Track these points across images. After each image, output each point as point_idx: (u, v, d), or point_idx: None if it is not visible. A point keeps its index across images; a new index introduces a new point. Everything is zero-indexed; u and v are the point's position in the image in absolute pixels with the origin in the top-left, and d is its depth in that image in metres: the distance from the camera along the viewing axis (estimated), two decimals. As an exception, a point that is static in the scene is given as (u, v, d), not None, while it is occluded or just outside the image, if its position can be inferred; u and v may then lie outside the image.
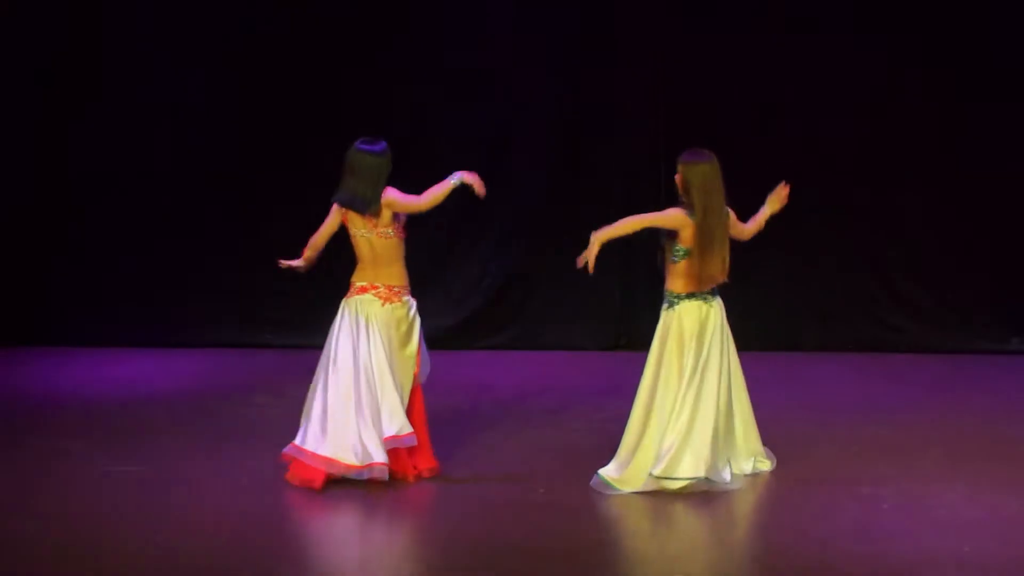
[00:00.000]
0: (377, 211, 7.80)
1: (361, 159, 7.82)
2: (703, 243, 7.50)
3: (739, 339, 7.82)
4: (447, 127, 11.15)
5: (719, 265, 7.56)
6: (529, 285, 11.35)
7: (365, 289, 7.88)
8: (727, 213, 7.62)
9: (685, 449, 7.48)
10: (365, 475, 7.69)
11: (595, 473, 7.64)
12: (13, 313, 11.33)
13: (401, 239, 7.90)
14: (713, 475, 7.51)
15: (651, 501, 7.50)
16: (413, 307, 7.96)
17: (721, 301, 7.66)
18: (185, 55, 11.13)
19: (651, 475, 7.49)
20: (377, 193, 7.80)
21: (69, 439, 8.64)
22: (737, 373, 7.78)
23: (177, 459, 8.25)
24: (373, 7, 11.13)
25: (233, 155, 11.22)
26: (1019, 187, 10.86)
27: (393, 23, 11.13)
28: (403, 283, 7.95)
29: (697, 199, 7.51)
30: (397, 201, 7.79)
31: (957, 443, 8.54)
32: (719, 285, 7.62)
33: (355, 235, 7.90)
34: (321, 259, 11.00)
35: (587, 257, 7.41)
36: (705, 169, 7.54)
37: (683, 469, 7.47)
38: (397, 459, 7.81)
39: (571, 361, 10.88)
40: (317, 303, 10.84)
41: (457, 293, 11.28)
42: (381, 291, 7.90)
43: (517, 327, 11.35)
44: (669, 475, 7.47)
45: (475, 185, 7.71)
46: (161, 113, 11.18)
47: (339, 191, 7.86)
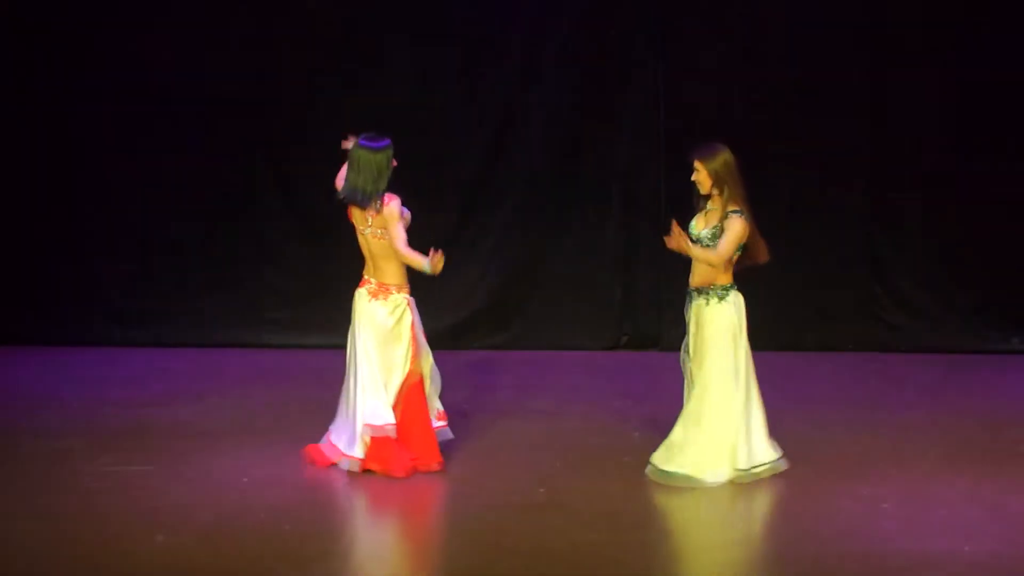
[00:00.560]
0: (378, 207, 7.83)
1: (362, 155, 7.87)
2: (754, 230, 7.68)
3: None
4: (447, 127, 11.14)
5: (764, 246, 7.75)
6: (529, 285, 11.33)
7: (363, 283, 8.03)
8: None
9: (761, 433, 7.80)
10: (343, 465, 7.96)
11: (660, 467, 7.74)
12: (12, 313, 11.31)
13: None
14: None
15: (650, 501, 7.51)
16: (402, 306, 7.98)
17: None
18: (185, 56, 11.10)
19: (746, 468, 7.72)
20: (377, 188, 7.84)
21: (69, 439, 8.63)
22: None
23: (177, 459, 8.25)
24: (372, 5, 11.11)
25: (233, 155, 11.20)
26: (1019, 187, 10.85)
27: (393, 25, 11.13)
28: (397, 282, 7.98)
29: (734, 187, 7.67)
30: (392, 223, 7.83)
31: (957, 443, 8.54)
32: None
33: (356, 230, 7.99)
34: (315, 258, 11.10)
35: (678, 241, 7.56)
36: (728, 157, 7.72)
37: (764, 454, 7.79)
38: (382, 454, 7.88)
39: (571, 361, 10.87)
40: (317, 303, 10.91)
41: (459, 293, 11.26)
42: (372, 286, 8.01)
43: (517, 327, 11.33)
44: (759, 463, 7.76)
45: (435, 266, 7.79)
46: (161, 112, 11.16)
47: (343, 186, 7.93)
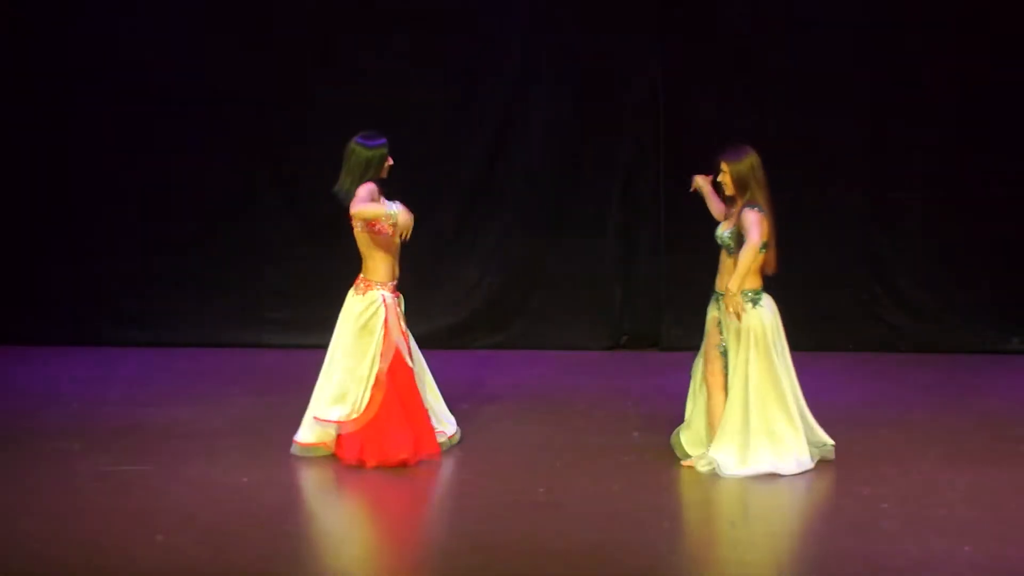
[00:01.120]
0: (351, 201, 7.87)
1: (351, 151, 7.95)
2: (772, 236, 7.75)
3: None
4: (447, 127, 11.14)
5: (775, 258, 7.86)
6: (529, 285, 11.34)
7: (355, 278, 8.10)
8: None
9: (810, 421, 8.00)
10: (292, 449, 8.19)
11: (733, 472, 7.76)
12: (12, 313, 11.31)
13: (376, 235, 7.94)
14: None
15: (648, 500, 7.51)
16: (377, 302, 7.98)
17: None
18: (185, 56, 11.11)
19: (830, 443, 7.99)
20: (355, 186, 7.85)
21: (69, 439, 8.63)
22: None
23: (177, 459, 8.25)
24: (373, 5, 11.11)
25: (233, 155, 11.20)
26: (1019, 187, 10.85)
27: (393, 25, 11.12)
28: (379, 279, 8.01)
29: (759, 191, 7.71)
30: (357, 207, 7.82)
31: (957, 443, 8.54)
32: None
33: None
34: (315, 258, 11.10)
35: (738, 311, 7.71)
36: (755, 160, 7.76)
37: (821, 436, 8.02)
38: (344, 445, 8.00)
39: (571, 361, 10.87)
40: (317, 303, 10.87)
41: (457, 293, 11.27)
42: (358, 281, 8.07)
43: (517, 327, 11.33)
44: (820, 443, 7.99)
45: (403, 227, 7.82)
46: (161, 112, 11.16)
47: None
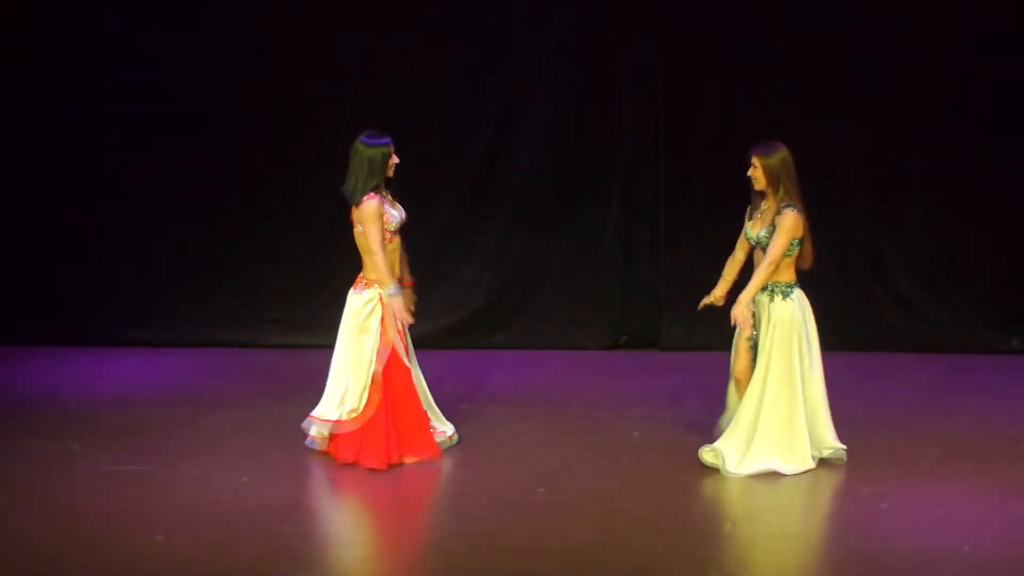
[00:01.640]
0: (358, 203, 7.86)
1: (354, 150, 7.95)
2: (807, 230, 7.77)
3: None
4: (446, 127, 11.14)
5: (811, 251, 7.86)
6: (529, 284, 11.32)
7: (356, 277, 8.14)
8: None
9: (828, 424, 8.08)
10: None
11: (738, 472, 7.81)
12: (12, 313, 11.31)
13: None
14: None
15: (647, 500, 7.51)
16: (374, 301, 8.01)
17: None
18: (185, 56, 11.10)
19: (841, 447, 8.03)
20: (360, 185, 7.87)
21: (69, 439, 8.63)
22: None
23: (177, 459, 8.26)
24: (372, 4, 11.11)
25: (234, 155, 11.20)
26: (1019, 188, 10.85)
27: (392, 24, 11.13)
28: (376, 278, 8.00)
29: (791, 186, 7.76)
30: (368, 221, 7.85)
31: (956, 443, 8.55)
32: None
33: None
34: (315, 258, 11.10)
35: (744, 326, 7.74)
36: (786, 155, 7.82)
37: (832, 441, 8.05)
38: (340, 444, 8.06)
39: (571, 360, 10.87)
40: (316, 303, 10.90)
41: (458, 292, 11.26)
42: (358, 280, 8.11)
43: (517, 326, 11.32)
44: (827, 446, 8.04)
45: (403, 317, 7.95)
46: (161, 112, 11.16)
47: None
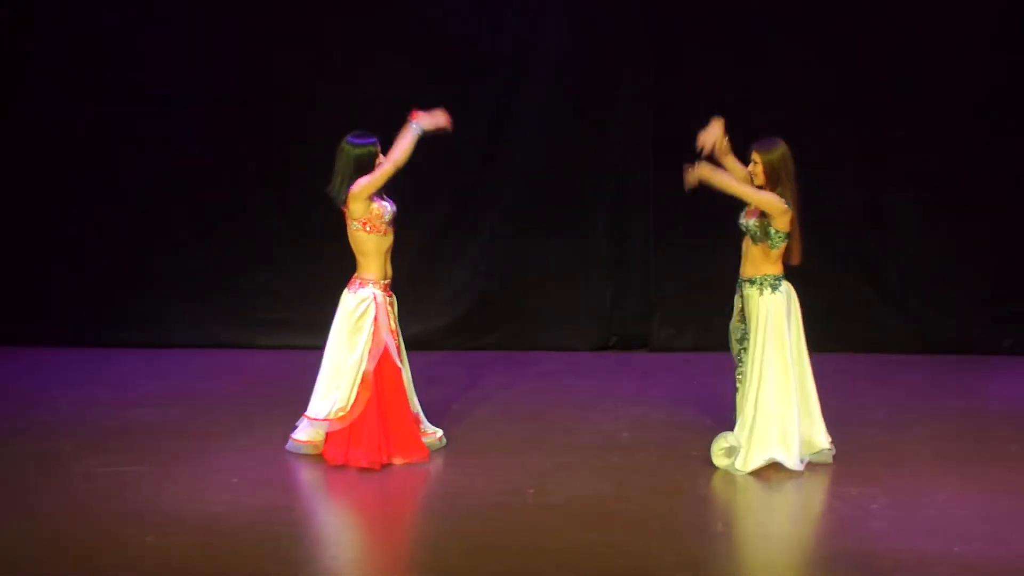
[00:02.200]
0: (343, 202, 7.88)
1: (341, 150, 7.97)
2: (796, 228, 7.80)
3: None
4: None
5: (799, 249, 7.89)
6: (520, 286, 11.33)
7: (350, 276, 8.14)
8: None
9: (818, 420, 8.07)
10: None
11: (742, 470, 7.83)
12: (10, 313, 11.31)
13: (372, 234, 7.99)
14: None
15: (638, 501, 7.53)
16: (368, 300, 8.02)
17: None
18: (185, 56, 11.11)
19: (827, 448, 8.02)
20: (345, 185, 7.88)
21: (65, 439, 8.63)
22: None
23: (173, 459, 8.26)
24: (369, 6, 11.12)
25: (232, 155, 11.20)
26: (1014, 189, 10.87)
27: (389, 26, 11.13)
28: (372, 277, 8.04)
29: (788, 183, 7.79)
30: (361, 185, 7.86)
31: (948, 444, 8.56)
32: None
33: None
34: (308, 260, 11.10)
35: (692, 176, 7.66)
36: (786, 152, 7.86)
37: (822, 441, 8.05)
38: (330, 445, 8.08)
39: (561, 362, 10.88)
40: (310, 304, 10.89)
41: (448, 294, 11.27)
42: (352, 279, 8.11)
43: (508, 328, 11.33)
44: (816, 448, 8.03)
45: (438, 122, 7.88)
46: (160, 112, 11.16)
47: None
